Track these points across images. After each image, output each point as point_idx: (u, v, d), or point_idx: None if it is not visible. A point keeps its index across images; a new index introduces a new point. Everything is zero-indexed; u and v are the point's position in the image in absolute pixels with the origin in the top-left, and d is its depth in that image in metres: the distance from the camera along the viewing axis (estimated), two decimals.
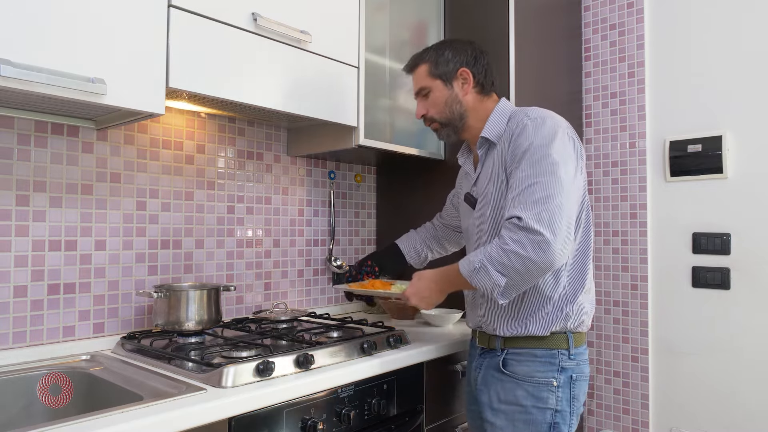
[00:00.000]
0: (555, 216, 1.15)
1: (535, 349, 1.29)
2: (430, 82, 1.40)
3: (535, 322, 1.29)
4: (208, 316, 1.45)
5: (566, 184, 1.19)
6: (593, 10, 2.39)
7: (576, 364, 1.30)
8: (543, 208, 1.16)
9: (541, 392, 1.27)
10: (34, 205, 1.35)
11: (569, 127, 1.30)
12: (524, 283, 1.20)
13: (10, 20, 1.00)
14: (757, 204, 1.97)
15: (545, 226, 1.14)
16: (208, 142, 1.71)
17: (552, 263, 1.16)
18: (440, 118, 1.41)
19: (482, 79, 1.40)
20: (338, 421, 1.25)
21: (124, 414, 0.92)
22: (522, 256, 1.15)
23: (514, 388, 1.29)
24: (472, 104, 1.40)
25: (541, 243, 1.14)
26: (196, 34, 1.28)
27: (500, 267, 1.18)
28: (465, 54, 1.39)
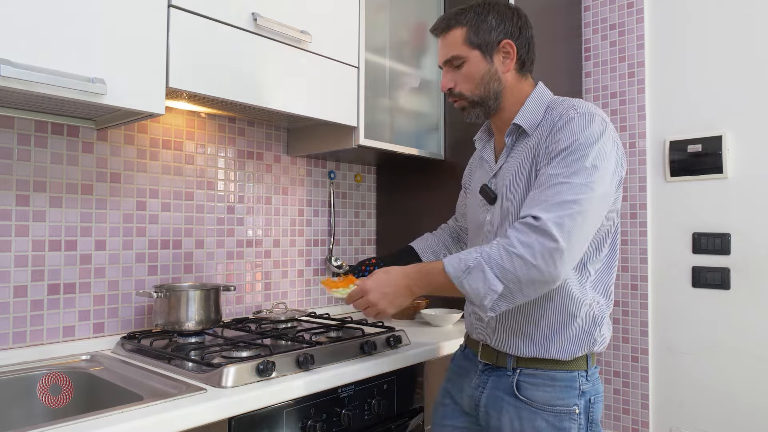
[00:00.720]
0: (577, 226, 1.00)
1: (554, 371, 1.12)
2: (467, 51, 1.17)
3: (557, 343, 1.12)
4: (208, 316, 1.44)
5: (598, 193, 1.03)
6: (593, 10, 2.39)
7: (592, 385, 1.15)
8: (567, 213, 1.00)
9: (563, 422, 1.11)
10: (34, 205, 1.35)
11: (614, 130, 1.13)
12: (519, 296, 1.03)
13: (10, 20, 1.00)
14: (757, 204, 1.97)
15: (564, 234, 0.99)
16: (208, 142, 1.71)
17: (558, 278, 1.01)
18: (472, 96, 1.20)
19: (524, 55, 1.20)
20: (338, 422, 1.25)
21: (124, 414, 0.92)
22: (528, 263, 0.99)
23: (532, 417, 1.12)
24: (511, 84, 1.20)
25: (553, 252, 0.98)
26: (196, 34, 1.28)
27: (499, 271, 1.01)
28: (510, 22, 1.19)
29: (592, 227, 1.05)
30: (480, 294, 1.02)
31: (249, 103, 1.40)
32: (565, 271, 1.01)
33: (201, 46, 1.29)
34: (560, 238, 0.98)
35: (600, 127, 1.07)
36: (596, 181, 1.03)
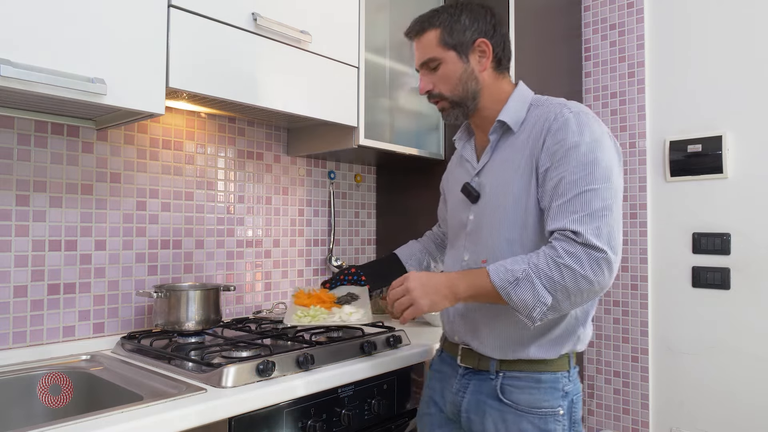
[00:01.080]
0: (614, 232, 1.01)
1: (538, 373, 1.12)
2: (442, 52, 1.17)
3: (541, 345, 1.12)
4: (208, 316, 1.44)
5: (618, 192, 1.05)
6: (593, 10, 2.39)
7: (573, 385, 1.15)
8: (603, 222, 1.00)
9: (548, 424, 1.11)
10: (34, 205, 1.35)
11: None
12: (567, 305, 1.02)
13: (10, 20, 1.00)
14: (757, 204, 1.97)
15: (605, 242, 0.99)
16: (208, 142, 1.71)
17: (607, 285, 1.02)
18: (451, 96, 1.19)
19: (500, 53, 1.20)
20: (338, 422, 1.25)
21: (124, 414, 0.92)
22: (577, 273, 0.98)
23: (518, 420, 1.11)
24: (488, 82, 1.20)
25: (601, 261, 0.99)
26: (196, 34, 1.28)
27: (548, 282, 1.00)
28: (484, 21, 1.18)
29: (621, 225, 1.05)
30: (529, 305, 1.01)
31: (249, 103, 1.40)
32: (613, 278, 1.02)
33: (201, 46, 1.29)
34: (604, 247, 0.99)
35: (597, 126, 1.09)
36: (615, 181, 1.05)
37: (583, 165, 1.04)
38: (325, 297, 1.40)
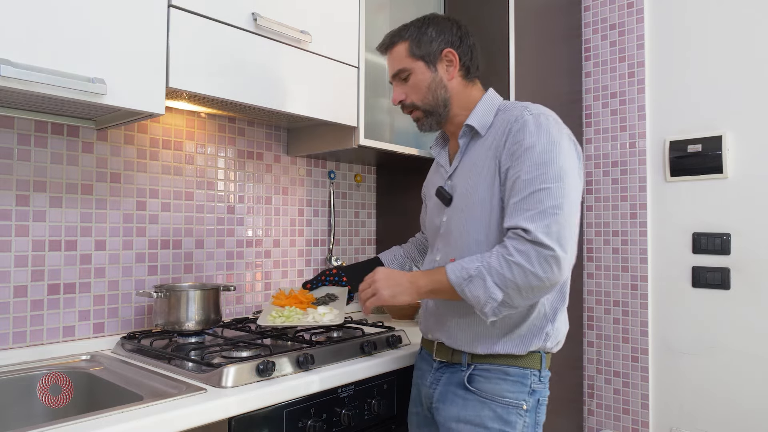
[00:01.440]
0: (565, 230, 1.04)
1: (507, 366, 1.15)
2: (411, 63, 1.24)
3: (509, 341, 1.15)
4: (208, 316, 1.44)
5: (573, 194, 1.09)
6: (593, 10, 2.39)
7: (543, 387, 1.18)
8: (552, 219, 1.04)
9: (510, 415, 1.14)
10: (34, 205, 1.35)
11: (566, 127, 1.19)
12: (520, 301, 1.07)
13: (10, 20, 1.00)
14: (757, 204, 1.97)
15: (554, 240, 1.03)
16: (208, 142, 1.71)
17: (557, 282, 1.05)
18: (423, 105, 1.25)
19: (468, 62, 1.25)
20: (338, 422, 1.25)
21: (124, 414, 0.92)
22: (526, 271, 1.03)
23: (479, 407, 1.14)
24: (457, 90, 1.25)
25: (549, 259, 1.03)
26: (196, 34, 1.28)
27: (499, 279, 1.05)
28: (450, 32, 1.24)
29: (576, 224, 1.09)
30: (480, 301, 1.07)
31: (249, 103, 1.40)
32: (563, 274, 1.05)
33: (201, 46, 1.29)
34: (553, 245, 1.03)
35: (556, 127, 1.13)
36: (570, 182, 1.08)
37: (537, 165, 1.08)
38: (302, 298, 1.41)
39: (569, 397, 2.27)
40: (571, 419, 2.28)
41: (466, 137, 1.25)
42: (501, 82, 1.92)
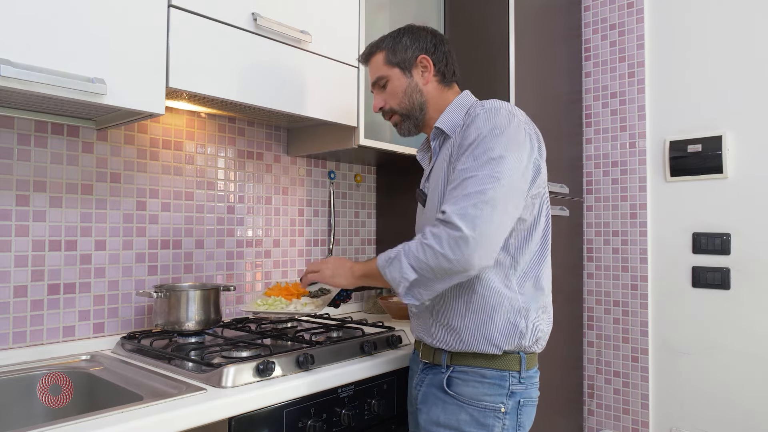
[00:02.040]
0: (481, 213, 1.04)
1: (484, 368, 1.15)
2: (388, 70, 1.29)
3: (484, 336, 1.14)
4: (208, 316, 1.44)
5: (506, 181, 1.07)
6: (593, 10, 2.39)
7: (525, 388, 1.17)
8: (471, 203, 1.05)
9: (487, 418, 1.14)
10: (34, 205, 1.35)
11: (529, 123, 1.17)
12: (436, 283, 1.09)
13: (10, 20, 1.00)
14: (757, 204, 1.97)
15: (467, 222, 1.04)
16: (208, 142, 1.71)
17: (467, 264, 1.04)
18: (400, 109, 1.30)
19: (443, 68, 1.29)
20: (338, 422, 1.25)
21: (124, 414, 0.92)
22: (436, 252, 1.05)
23: (457, 411, 1.15)
24: (433, 94, 1.29)
25: (459, 240, 1.03)
26: (196, 34, 1.28)
27: (414, 261, 1.08)
28: (424, 40, 1.29)
29: (503, 215, 1.07)
30: (396, 281, 1.11)
31: (249, 103, 1.40)
32: (476, 259, 1.05)
33: (201, 46, 1.29)
34: (463, 227, 1.04)
35: (505, 119, 1.13)
36: (502, 170, 1.08)
37: (474, 156, 1.10)
38: (294, 290, 1.43)
39: (569, 397, 2.27)
40: (571, 419, 2.28)
41: (437, 139, 1.28)
42: (501, 82, 1.92)
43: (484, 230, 1.04)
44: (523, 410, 1.16)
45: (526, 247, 1.17)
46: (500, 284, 1.14)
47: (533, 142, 1.15)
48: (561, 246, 2.21)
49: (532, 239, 1.17)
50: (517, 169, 1.09)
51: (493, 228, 1.05)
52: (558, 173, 2.19)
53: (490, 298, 1.14)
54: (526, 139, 1.13)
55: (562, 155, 2.25)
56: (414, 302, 1.12)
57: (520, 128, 1.13)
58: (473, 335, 1.15)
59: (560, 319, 2.19)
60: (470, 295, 1.15)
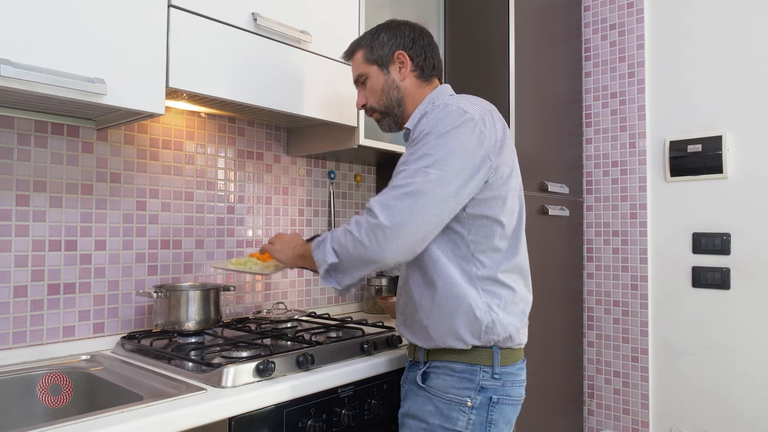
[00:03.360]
0: (401, 204, 1.04)
1: (454, 363, 1.15)
2: (367, 68, 1.30)
3: (450, 332, 1.14)
4: (208, 316, 1.44)
5: (436, 176, 1.06)
6: (593, 10, 2.39)
7: (501, 385, 1.15)
8: (394, 194, 1.06)
9: (452, 411, 1.13)
10: (34, 205, 1.35)
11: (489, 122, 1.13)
12: (353, 269, 1.10)
13: (10, 20, 1.00)
14: (757, 204, 1.97)
15: (386, 211, 1.04)
16: (208, 142, 1.71)
17: (381, 253, 1.05)
18: (379, 106, 1.30)
19: (421, 62, 1.28)
20: (338, 422, 1.25)
21: (124, 414, 0.92)
22: (355, 238, 1.07)
23: (425, 402, 1.17)
24: (411, 90, 1.28)
25: (375, 228, 1.04)
26: (196, 34, 1.28)
27: (336, 245, 1.11)
28: (402, 36, 1.28)
29: (426, 210, 1.05)
30: (319, 263, 1.14)
31: (249, 103, 1.40)
32: (390, 249, 1.05)
33: (201, 46, 1.29)
34: (381, 216, 1.05)
35: (453, 118, 1.11)
36: (434, 165, 1.07)
37: (412, 151, 1.11)
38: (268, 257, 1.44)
39: (569, 397, 2.27)
40: (571, 419, 2.28)
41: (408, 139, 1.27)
42: (501, 82, 1.92)
43: (401, 221, 1.04)
44: (497, 408, 1.14)
45: (489, 245, 1.15)
46: (463, 281, 1.13)
47: (489, 140, 1.12)
48: (561, 246, 2.21)
49: (494, 237, 1.15)
50: (453, 166, 1.07)
51: (411, 220, 1.04)
52: (558, 173, 2.19)
53: (453, 294, 1.13)
54: (474, 139, 1.10)
55: (562, 155, 2.25)
56: (335, 285, 1.14)
57: (472, 128, 1.10)
58: (440, 331, 1.15)
59: (560, 319, 2.20)
60: (434, 292, 1.15)
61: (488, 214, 1.14)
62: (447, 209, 1.08)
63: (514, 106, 1.90)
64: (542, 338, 2.05)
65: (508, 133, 1.20)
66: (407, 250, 1.06)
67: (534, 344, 1.99)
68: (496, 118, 1.18)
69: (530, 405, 1.96)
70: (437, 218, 1.07)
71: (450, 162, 1.07)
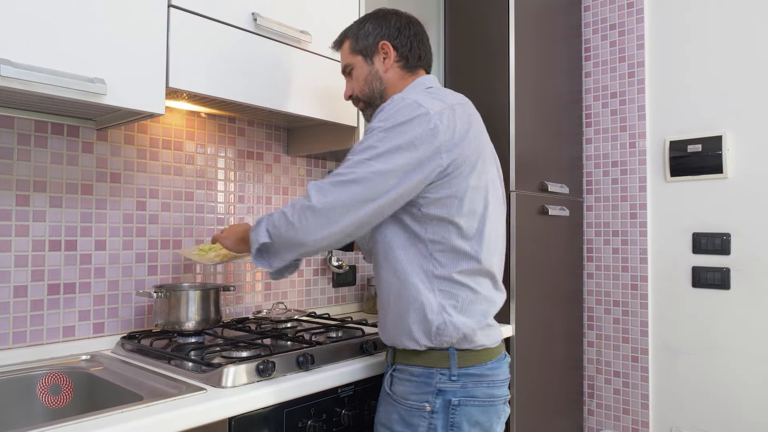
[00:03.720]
0: (334, 189, 1.05)
1: (412, 366, 1.14)
2: (352, 58, 1.30)
3: (404, 332, 1.14)
4: (208, 316, 1.44)
5: (376, 169, 1.05)
6: (593, 10, 2.39)
7: (461, 387, 1.11)
8: (332, 180, 1.06)
9: (413, 417, 1.11)
10: (34, 205, 1.35)
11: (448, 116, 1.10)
12: (284, 251, 1.10)
13: (10, 20, 1.00)
14: (757, 204, 1.97)
15: (319, 194, 1.05)
16: (208, 142, 1.71)
17: (306, 236, 1.05)
18: (362, 97, 1.30)
19: (406, 53, 1.26)
20: (338, 422, 1.25)
21: (124, 414, 0.92)
22: (287, 218, 1.07)
23: (391, 410, 1.16)
24: (394, 81, 1.26)
25: (306, 209, 1.05)
26: (196, 34, 1.28)
27: (270, 226, 1.11)
28: (387, 26, 1.26)
29: (358, 198, 1.05)
30: (253, 244, 1.13)
31: (249, 103, 1.40)
32: (315, 233, 1.05)
33: (201, 46, 1.29)
34: (314, 198, 1.05)
35: (405, 112, 1.09)
36: (377, 157, 1.06)
37: (362, 140, 1.10)
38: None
39: (569, 397, 2.27)
40: (571, 419, 2.28)
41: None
42: (501, 82, 1.92)
43: (332, 206, 1.04)
44: (459, 410, 1.11)
45: (448, 245, 1.12)
46: (419, 280, 1.12)
47: (444, 135, 1.08)
48: (561, 246, 2.21)
49: (452, 237, 1.11)
50: (395, 161, 1.05)
51: (342, 206, 1.04)
52: (558, 173, 2.19)
53: (407, 294, 1.13)
54: (424, 134, 1.07)
55: (562, 155, 2.25)
56: (266, 267, 1.14)
57: (424, 122, 1.07)
58: (397, 330, 1.15)
59: (560, 319, 2.20)
60: (392, 290, 1.16)
61: (442, 215, 1.11)
62: (385, 202, 1.06)
63: (514, 106, 1.91)
64: (542, 338, 2.05)
65: (477, 128, 1.17)
66: (334, 235, 1.06)
67: (534, 344, 2.00)
68: (461, 113, 1.14)
69: (530, 405, 1.96)
70: (372, 209, 1.06)
71: (393, 156, 1.06)
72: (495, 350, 1.17)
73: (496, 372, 1.16)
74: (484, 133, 1.23)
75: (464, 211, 1.12)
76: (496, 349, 1.18)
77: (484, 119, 1.29)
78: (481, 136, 1.20)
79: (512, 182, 1.90)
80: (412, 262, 1.13)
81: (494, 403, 1.14)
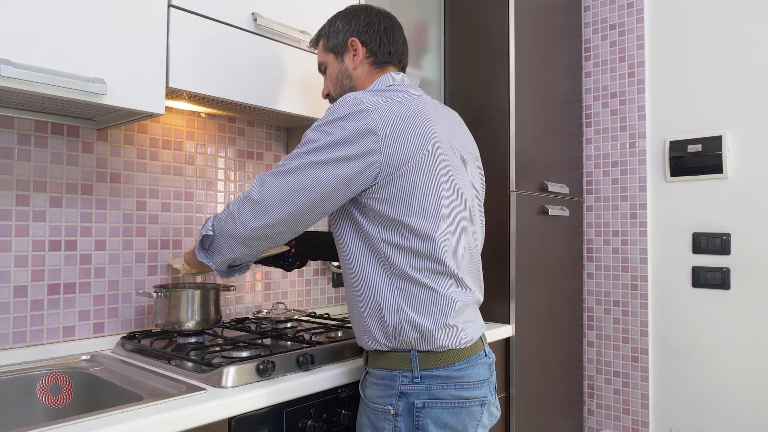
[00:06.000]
0: (272, 180, 1.07)
1: (377, 368, 1.13)
2: (325, 57, 1.29)
3: (366, 332, 1.14)
4: (208, 316, 1.44)
5: (311, 162, 1.05)
6: (593, 10, 2.39)
7: (424, 389, 1.08)
8: (272, 171, 1.09)
9: (379, 421, 1.10)
10: (34, 205, 1.35)
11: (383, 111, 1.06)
12: (222, 245, 1.12)
13: (10, 20, 1.00)
14: (757, 204, 1.97)
15: (259, 186, 1.08)
16: (208, 142, 1.71)
17: (243, 226, 1.08)
18: (335, 95, 1.28)
19: (375, 48, 1.23)
20: (338, 422, 1.25)
21: (124, 414, 0.92)
22: (231, 210, 1.10)
23: (362, 413, 1.16)
24: (362, 78, 1.25)
25: (245, 200, 1.08)
26: (196, 34, 1.28)
27: (216, 220, 1.14)
28: (356, 22, 1.24)
29: (298, 189, 1.05)
30: (199, 238, 1.17)
31: (249, 103, 1.40)
32: (253, 224, 1.08)
33: (201, 46, 1.29)
34: (253, 190, 1.08)
35: (346, 107, 1.07)
36: (313, 152, 1.06)
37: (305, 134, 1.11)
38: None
39: (569, 397, 2.27)
40: (571, 419, 2.28)
41: None
42: (501, 82, 1.92)
43: (265, 196, 1.07)
44: (425, 412, 1.07)
45: (403, 245, 1.09)
46: (377, 281, 1.10)
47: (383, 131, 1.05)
48: (561, 246, 2.21)
49: (405, 237, 1.08)
50: (330, 155, 1.04)
51: (274, 196, 1.06)
52: (558, 173, 2.19)
53: (366, 294, 1.12)
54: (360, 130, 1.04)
55: (562, 155, 2.25)
56: (209, 262, 1.16)
57: (362, 118, 1.05)
58: (360, 330, 1.16)
59: (560, 319, 2.20)
60: (351, 291, 1.16)
61: (390, 215, 1.08)
62: (319, 195, 1.06)
63: (514, 106, 1.91)
64: (542, 338, 2.05)
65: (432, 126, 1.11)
66: (269, 227, 1.08)
67: (534, 344, 2.00)
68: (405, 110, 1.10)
69: (530, 405, 1.97)
70: (306, 201, 1.06)
71: (330, 149, 1.05)
72: (464, 351, 1.12)
73: (466, 373, 1.11)
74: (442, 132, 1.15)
75: (414, 210, 1.08)
76: (466, 350, 1.12)
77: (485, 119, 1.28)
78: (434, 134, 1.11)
79: (512, 182, 1.90)
80: (369, 262, 1.11)
81: (465, 405, 1.09)
